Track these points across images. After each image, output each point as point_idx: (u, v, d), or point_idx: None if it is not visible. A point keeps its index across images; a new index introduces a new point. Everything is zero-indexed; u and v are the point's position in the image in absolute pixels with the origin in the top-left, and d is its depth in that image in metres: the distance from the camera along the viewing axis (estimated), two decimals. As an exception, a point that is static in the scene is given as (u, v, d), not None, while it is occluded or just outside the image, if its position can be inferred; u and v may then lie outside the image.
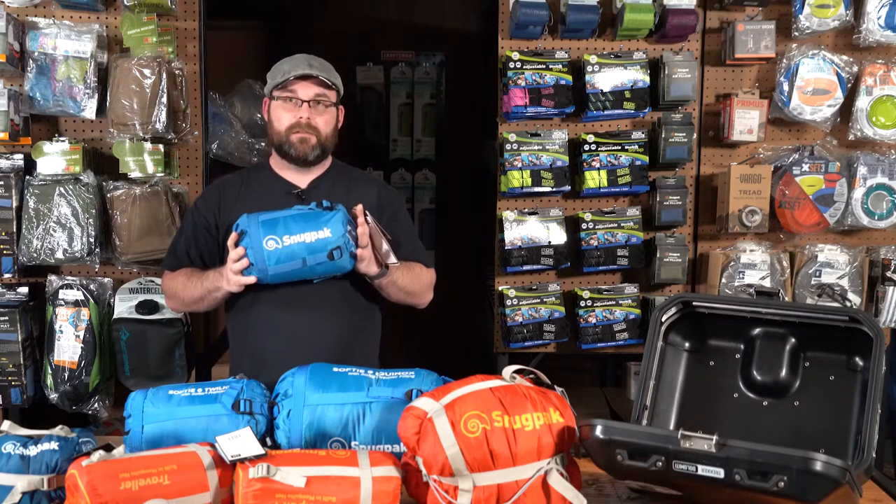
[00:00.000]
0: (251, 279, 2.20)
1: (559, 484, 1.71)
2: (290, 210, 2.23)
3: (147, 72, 2.86)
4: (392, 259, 2.30)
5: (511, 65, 3.10)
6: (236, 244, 2.19)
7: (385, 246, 2.29)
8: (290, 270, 2.19)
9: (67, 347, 2.89)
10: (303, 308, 2.32)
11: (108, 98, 2.90)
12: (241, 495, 1.65)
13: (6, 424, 1.87)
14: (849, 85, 3.16)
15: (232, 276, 2.22)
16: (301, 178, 2.44)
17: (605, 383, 4.46)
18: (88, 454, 1.70)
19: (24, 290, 2.94)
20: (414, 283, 2.41)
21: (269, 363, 2.27)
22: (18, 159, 2.91)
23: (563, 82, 3.10)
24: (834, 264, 3.14)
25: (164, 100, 2.88)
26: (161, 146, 2.93)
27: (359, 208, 2.25)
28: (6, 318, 2.85)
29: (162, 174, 2.93)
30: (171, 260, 2.49)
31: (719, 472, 1.62)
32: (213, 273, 2.31)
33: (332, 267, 2.21)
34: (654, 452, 1.68)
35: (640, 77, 3.13)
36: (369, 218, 2.26)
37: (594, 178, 3.13)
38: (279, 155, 2.44)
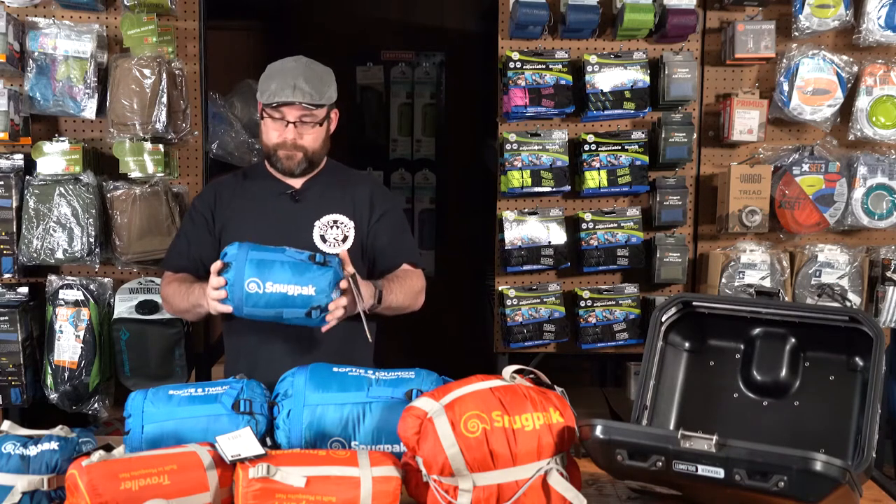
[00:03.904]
0: (228, 308, 2.15)
1: (559, 484, 1.71)
2: (283, 253, 2.14)
3: (147, 72, 2.86)
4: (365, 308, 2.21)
5: (511, 65, 3.09)
6: (219, 273, 2.14)
7: (362, 304, 2.19)
8: (263, 315, 2.14)
9: (67, 347, 2.89)
10: None
11: (108, 98, 2.90)
12: (241, 495, 1.65)
13: (6, 424, 1.87)
14: (849, 85, 3.16)
15: (210, 301, 2.17)
16: (295, 180, 2.45)
17: (605, 383, 4.46)
18: (88, 454, 1.70)
19: (24, 290, 2.94)
20: (406, 298, 2.39)
21: (263, 365, 2.28)
22: (18, 159, 2.91)
23: (563, 82, 3.10)
24: (834, 264, 3.14)
25: (164, 100, 2.88)
26: (161, 146, 2.93)
27: (348, 270, 2.18)
28: (6, 318, 2.85)
29: (162, 174, 2.93)
30: (170, 259, 2.50)
31: (719, 472, 1.62)
32: (199, 289, 2.28)
33: (305, 322, 2.15)
34: (654, 452, 1.68)
35: (640, 77, 3.13)
36: (359, 281, 2.19)
37: (594, 178, 3.13)
38: (269, 163, 2.46)
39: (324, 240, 2.39)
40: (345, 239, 2.41)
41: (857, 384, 2.00)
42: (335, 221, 2.42)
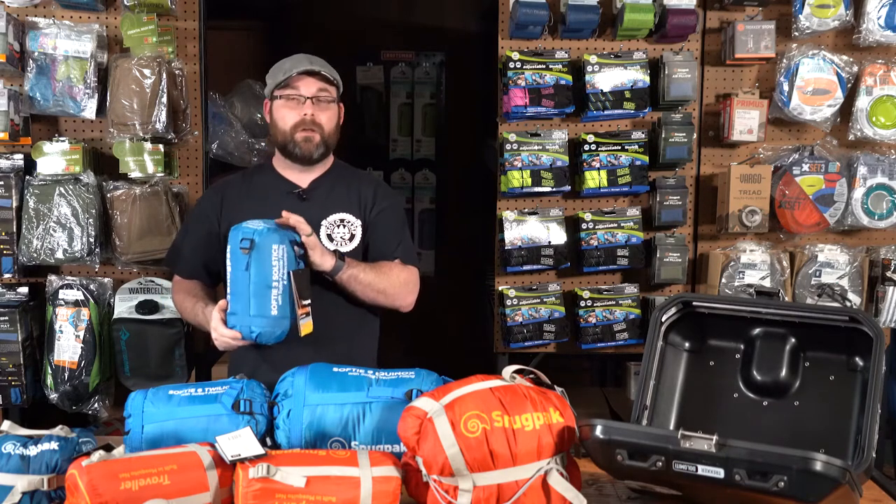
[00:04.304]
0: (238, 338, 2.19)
1: (559, 484, 1.71)
2: (236, 269, 2.17)
3: (147, 72, 2.86)
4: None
5: (511, 65, 3.09)
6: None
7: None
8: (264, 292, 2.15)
9: (67, 347, 2.89)
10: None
11: (108, 98, 2.90)
12: (241, 495, 1.65)
13: (6, 424, 1.87)
14: (849, 85, 3.16)
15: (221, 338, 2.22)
16: (302, 178, 2.46)
17: (605, 383, 4.46)
18: (88, 454, 1.70)
19: (24, 290, 2.94)
20: (381, 280, 2.37)
21: (267, 363, 2.29)
22: (18, 159, 2.91)
23: (563, 82, 3.10)
24: (834, 264, 3.14)
25: (164, 100, 2.88)
26: (161, 146, 2.93)
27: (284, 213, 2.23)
28: (6, 318, 2.85)
29: (162, 174, 2.93)
30: (178, 262, 2.53)
31: (719, 472, 1.62)
32: (203, 314, 2.34)
33: (297, 264, 2.19)
34: (654, 452, 1.68)
35: (640, 77, 3.13)
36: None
37: (594, 178, 3.13)
38: (283, 154, 2.45)
39: (331, 238, 2.40)
40: (352, 237, 2.42)
41: (857, 384, 2.00)
42: (342, 220, 2.42)
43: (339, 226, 2.41)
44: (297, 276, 2.17)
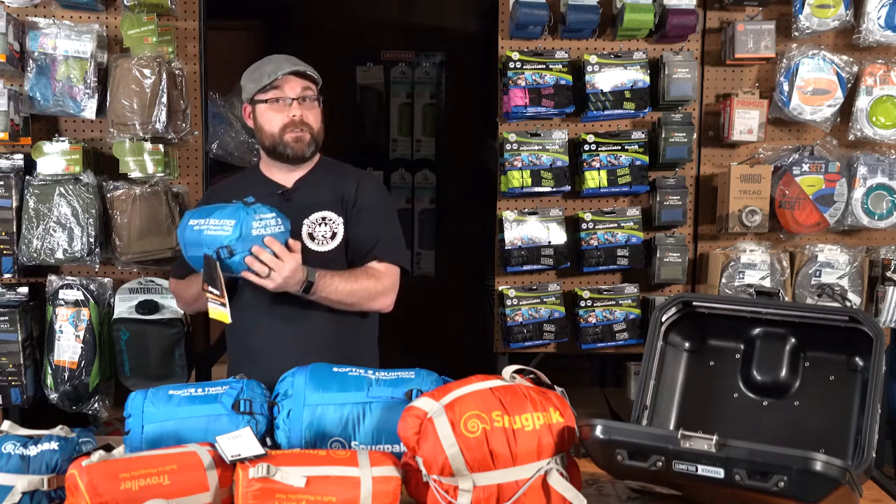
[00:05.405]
0: None
1: (559, 484, 1.71)
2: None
3: (147, 72, 2.87)
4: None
5: (511, 65, 3.10)
6: None
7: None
8: (193, 245, 2.19)
9: (67, 347, 2.89)
10: (297, 307, 2.32)
11: (108, 98, 2.90)
12: (241, 495, 1.65)
13: (6, 424, 1.87)
14: (849, 85, 3.16)
15: None
16: (288, 178, 2.46)
17: (605, 383, 4.46)
18: (88, 454, 1.70)
19: (24, 290, 2.94)
20: (353, 293, 2.32)
21: (264, 362, 2.29)
22: (18, 159, 2.91)
23: (563, 82, 3.10)
24: (834, 264, 3.14)
25: (164, 100, 2.88)
26: (161, 146, 2.93)
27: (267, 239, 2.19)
28: (6, 318, 2.85)
29: (162, 174, 2.93)
30: (176, 269, 2.56)
31: (719, 472, 1.62)
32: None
33: (227, 265, 2.15)
34: (654, 452, 1.68)
35: (640, 77, 3.13)
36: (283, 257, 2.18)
37: (594, 178, 3.13)
38: (272, 157, 2.44)
39: (312, 237, 2.38)
40: (333, 236, 2.40)
41: (857, 384, 2.00)
42: (324, 218, 2.40)
43: (320, 224, 2.40)
44: (208, 261, 2.15)
